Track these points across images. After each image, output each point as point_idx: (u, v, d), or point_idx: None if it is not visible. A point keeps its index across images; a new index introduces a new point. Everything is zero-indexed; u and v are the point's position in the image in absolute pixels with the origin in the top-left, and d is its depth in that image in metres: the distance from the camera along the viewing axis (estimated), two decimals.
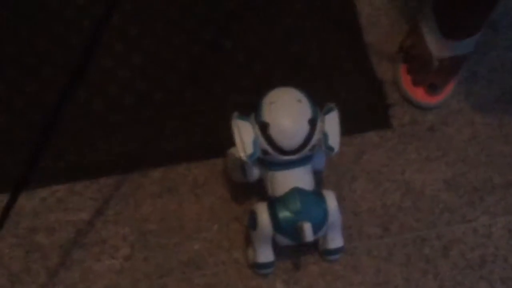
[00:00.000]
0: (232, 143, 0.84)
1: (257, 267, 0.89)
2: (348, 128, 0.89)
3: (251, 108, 0.83)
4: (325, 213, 0.83)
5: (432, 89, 0.98)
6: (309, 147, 0.81)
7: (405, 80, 0.99)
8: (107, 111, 0.97)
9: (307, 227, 0.79)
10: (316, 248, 0.91)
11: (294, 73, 1.00)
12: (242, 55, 1.01)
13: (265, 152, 0.81)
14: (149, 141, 0.96)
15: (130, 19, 1.02)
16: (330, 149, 0.81)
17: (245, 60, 1.00)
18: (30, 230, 0.91)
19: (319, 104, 0.83)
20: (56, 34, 1.00)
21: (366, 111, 0.99)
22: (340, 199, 0.86)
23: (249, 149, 0.80)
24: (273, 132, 0.80)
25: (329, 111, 0.82)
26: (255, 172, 0.85)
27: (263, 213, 0.83)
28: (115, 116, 0.96)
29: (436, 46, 0.96)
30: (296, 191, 0.82)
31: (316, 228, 0.82)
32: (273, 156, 0.81)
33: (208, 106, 0.98)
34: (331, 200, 0.84)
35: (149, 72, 0.99)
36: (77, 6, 1.02)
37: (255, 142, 0.80)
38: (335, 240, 0.88)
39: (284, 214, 0.82)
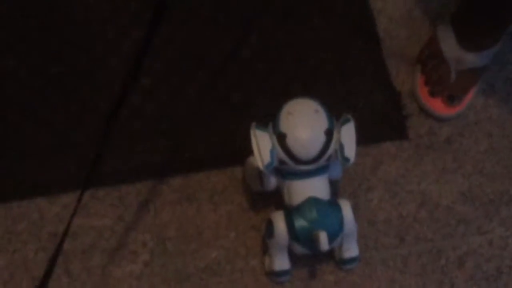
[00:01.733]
0: (250, 152, 0.85)
1: (273, 275, 0.90)
2: (365, 138, 0.90)
3: (269, 118, 0.85)
4: (341, 223, 0.84)
5: (450, 100, 0.98)
6: (325, 157, 0.82)
7: (423, 91, 1.00)
8: (129, 120, 0.99)
9: (323, 236, 0.81)
10: (332, 257, 0.92)
11: (313, 83, 1.02)
12: (261, 65, 1.02)
13: (282, 162, 0.83)
14: (170, 150, 0.98)
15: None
16: (346, 159, 0.82)
17: (264, 70, 1.02)
18: (53, 235, 0.93)
19: (336, 114, 0.84)
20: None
21: (383, 122, 1.00)
22: (356, 209, 0.87)
23: (267, 159, 0.82)
24: (290, 142, 0.81)
25: (345, 122, 0.84)
26: (272, 181, 0.87)
27: (279, 222, 0.85)
28: (137, 125, 0.98)
29: (454, 58, 0.96)
30: (313, 201, 0.84)
31: (332, 238, 0.83)
32: (290, 165, 0.83)
33: (227, 115, 1.00)
34: (347, 210, 0.85)
35: (170, 82, 1.01)
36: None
37: (272, 152, 0.82)
38: (351, 250, 0.89)
39: (300, 223, 0.83)
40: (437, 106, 0.99)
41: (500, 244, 0.94)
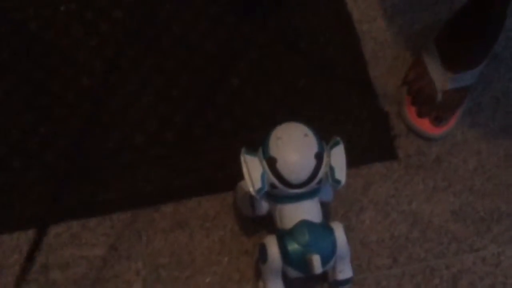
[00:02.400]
0: (241, 177, 0.85)
1: None
2: (355, 160, 0.91)
3: (258, 143, 0.86)
4: (333, 245, 0.84)
5: (437, 121, 0.99)
6: (316, 180, 0.83)
7: (410, 112, 1.01)
8: (119, 150, 0.99)
9: (316, 260, 0.81)
10: (326, 279, 0.92)
11: (300, 107, 1.03)
12: (249, 91, 1.03)
13: (273, 186, 0.83)
14: (160, 178, 0.98)
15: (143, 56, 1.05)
16: (337, 182, 0.83)
17: (252, 96, 1.03)
18: (45, 266, 0.93)
19: (326, 137, 0.85)
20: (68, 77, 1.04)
21: (372, 143, 1.01)
22: (348, 230, 0.88)
23: (258, 184, 0.82)
24: (281, 167, 0.82)
25: (335, 144, 0.84)
26: (263, 206, 0.87)
27: (272, 246, 0.85)
28: (127, 154, 0.99)
29: (439, 79, 0.98)
30: (305, 224, 0.84)
31: (325, 260, 0.83)
32: (281, 189, 0.83)
33: (216, 141, 1.00)
34: (339, 232, 0.85)
35: (159, 111, 1.02)
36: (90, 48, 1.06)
37: (263, 177, 0.82)
38: (344, 272, 0.89)
39: (293, 246, 0.83)
40: (424, 126, 1.00)
41: (493, 261, 0.94)
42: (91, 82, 1.02)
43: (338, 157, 0.84)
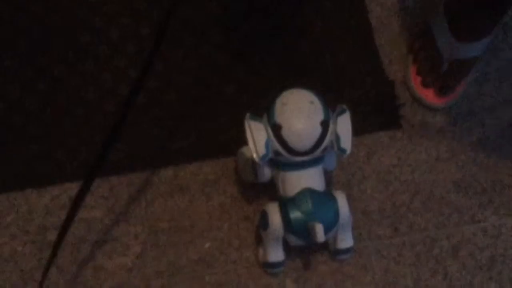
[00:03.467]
0: (242, 143, 0.84)
1: (267, 266, 0.89)
2: (358, 129, 0.89)
3: (261, 109, 0.84)
4: (336, 214, 0.84)
5: (442, 91, 0.98)
6: (321, 148, 0.81)
7: (415, 81, 1.00)
8: (117, 111, 0.97)
9: (319, 228, 0.80)
10: (326, 247, 0.91)
11: (305, 72, 1.01)
12: (253, 56, 1.01)
13: (277, 153, 0.82)
14: (160, 141, 0.96)
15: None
16: (343, 150, 0.82)
17: (257, 61, 1.01)
18: (42, 228, 0.92)
19: (330, 105, 0.83)
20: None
21: (376, 112, 0.99)
22: (349, 199, 0.87)
23: (262, 150, 0.80)
24: (286, 133, 0.80)
25: (341, 112, 0.83)
26: (266, 173, 0.86)
27: (274, 213, 0.84)
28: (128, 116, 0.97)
29: (447, 49, 0.96)
30: (308, 192, 0.83)
31: (327, 229, 0.82)
32: (285, 157, 0.82)
33: (219, 105, 0.98)
34: (342, 201, 0.85)
35: (161, 73, 1.00)
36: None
37: (267, 143, 0.81)
38: (345, 240, 0.89)
39: (295, 214, 0.82)
40: (429, 96, 0.99)
41: (494, 232, 0.94)
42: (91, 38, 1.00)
43: (344, 125, 0.82)
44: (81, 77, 0.99)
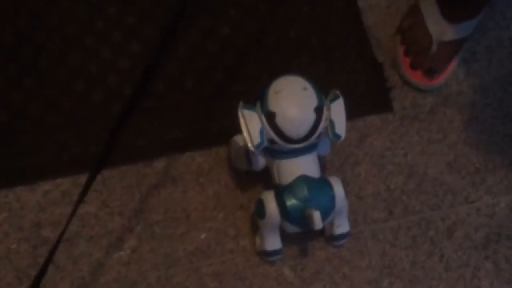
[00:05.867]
0: (235, 131, 0.83)
1: (265, 255, 0.89)
2: (350, 112, 0.88)
3: (253, 96, 0.83)
4: (332, 200, 0.84)
5: (430, 73, 0.97)
6: (315, 135, 0.81)
7: (404, 63, 0.99)
8: (108, 103, 0.96)
9: (317, 215, 0.80)
10: (323, 234, 0.91)
11: (294, 57, 1.00)
12: (242, 41, 1.00)
13: (271, 141, 0.81)
14: (152, 131, 0.95)
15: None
16: (337, 136, 0.81)
17: (245, 46, 1.00)
18: (35, 225, 0.91)
19: (322, 90, 0.83)
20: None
21: (367, 95, 0.99)
22: (344, 184, 0.87)
23: (257, 139, 0.80)
24: (280, 121, 0.80)
25: (334, 98, 0.82)
26: (260, 161, 0.85)
27: (270, 201, 0.84)
28: (117, 107, 0.95)
29: (437, 29, 0.95)
30: (303, 179, 0.83)
31: (324, 215, 0.82)
32: (280, 145, 0.81)
33: (209, 94, 0.97)
34: (338, 187, 0.84)
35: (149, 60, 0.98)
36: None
37: (262, 132, 0.80)
38: (342, 226, 0.89)
39: (292, 202, 0.82)
40: (418, 78, 0.98)
41: (488, 212, 0.94)
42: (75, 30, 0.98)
43: (338, 111, 0.82)
44: (68, 68, 0.97)
